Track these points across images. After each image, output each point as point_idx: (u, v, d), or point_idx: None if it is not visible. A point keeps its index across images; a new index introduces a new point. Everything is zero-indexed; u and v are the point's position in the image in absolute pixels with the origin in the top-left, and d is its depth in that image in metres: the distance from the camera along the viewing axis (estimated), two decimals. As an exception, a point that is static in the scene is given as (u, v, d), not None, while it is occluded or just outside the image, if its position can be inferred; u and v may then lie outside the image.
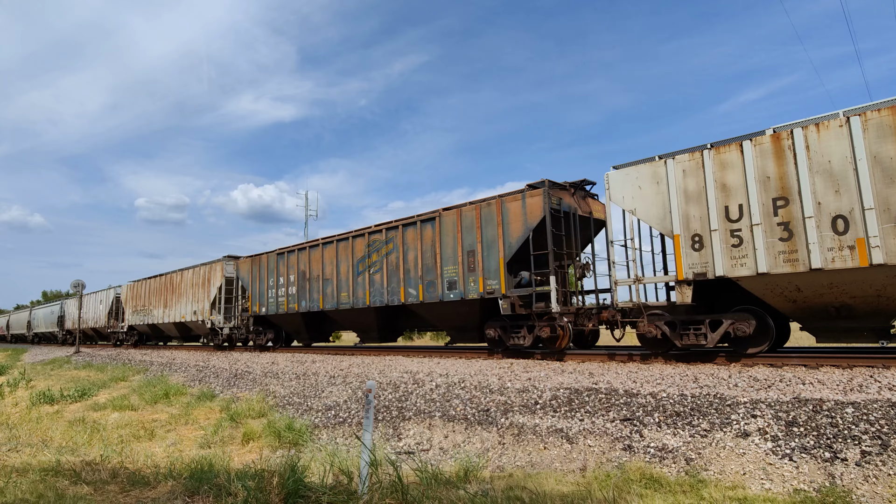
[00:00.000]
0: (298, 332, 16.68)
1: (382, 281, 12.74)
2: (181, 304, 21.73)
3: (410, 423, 7.33)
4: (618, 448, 5.56)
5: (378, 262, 12.96)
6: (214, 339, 19.98)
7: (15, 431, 7.97)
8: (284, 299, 16.10)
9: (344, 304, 13.89)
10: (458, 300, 11.06)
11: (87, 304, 32.37)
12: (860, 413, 4.92)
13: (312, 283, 14.97)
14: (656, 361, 8.55)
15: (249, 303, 17.84)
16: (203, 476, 4.98)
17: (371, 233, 13.32)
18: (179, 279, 22.30)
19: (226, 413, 9.00)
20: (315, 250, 15.05)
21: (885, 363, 6.75)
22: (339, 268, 14.10)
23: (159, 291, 23.80)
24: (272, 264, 16.88)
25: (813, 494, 4.27)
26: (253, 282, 17.79)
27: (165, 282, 23.35)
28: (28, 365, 22.17)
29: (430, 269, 11.67)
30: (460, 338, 11.93)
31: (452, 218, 11.30)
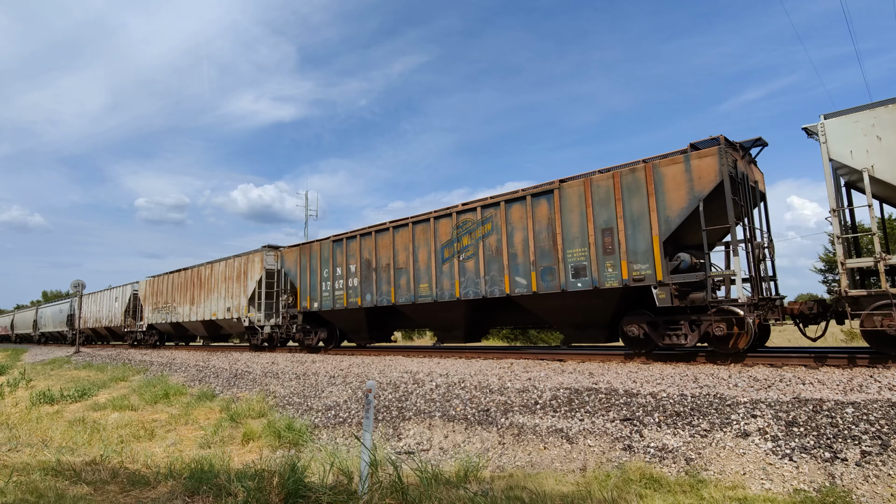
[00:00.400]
0: (357, 330, 14.55)
1: (477, 268, 10.79)
2: (211, 301, 19.65)
3: (410, 423, 7.33)
4: (618, 448, 5.56)
5: (471, 246, 10.93)
6: (252, 338, 17.71)
7: (15, 431, 7.97)
8: (343, 293, 13.98)
9: (423, 297, 11.87)
10: (587, 290, 9.07)
11: (101, 302, 30.71)
12: (860, 413, 4.92)
13: (380, 273, 12.95)
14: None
15: (298, 297, 15.54)
16: (203, 476, 4.98)
17: (461, 212, 11.27)
18: (209, 273, 20.17)
19: (226, 413, 9.00)
20: (383, 235, 12.97)
21: (886, 363, 6.74)
22: (417, 254, 12.06)
23: (184, 287, 21.73)
24: (326, 253, 14.65)
25: (813, 494, 4.27)
26: (302, 274, 15.47)
27: (192, 276, 21.26)
28: (28, 365, 22.18)
29: (546, 253, 9.67)
30: (579, 336, 10.03)
31: (578, 190, 9.31)
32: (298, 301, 15.58)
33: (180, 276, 22.29)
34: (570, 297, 9.43)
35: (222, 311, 18.97)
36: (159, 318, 23.70)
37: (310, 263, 15.30)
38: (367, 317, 13.81)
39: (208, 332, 21.04)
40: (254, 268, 17.67)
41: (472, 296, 10.93)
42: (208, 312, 19.91)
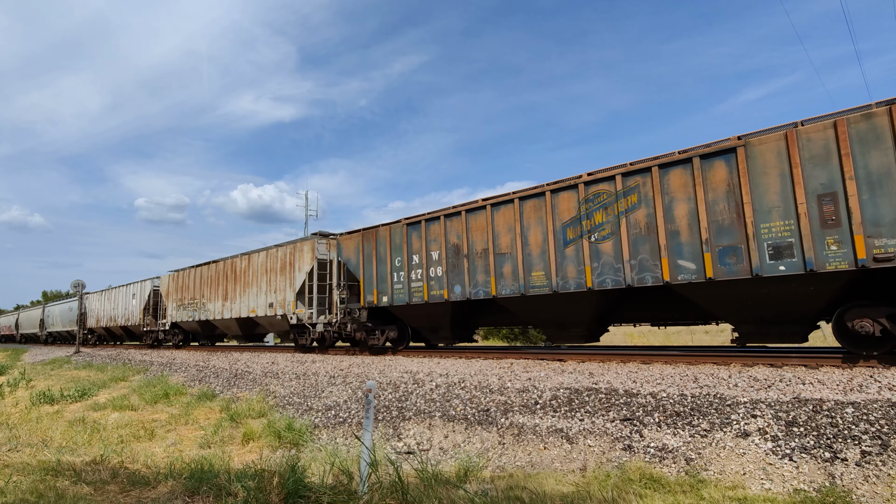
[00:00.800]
0: (436, 328, 12.57)
1: (618, 251, 8.72)
2: (248, 296, 17.60)
3: (410, 423, 7.33)
4: (618, 448, 5.56)
5: (607, 224, 8.89)
6: (300, 337, 15.79)
7: (15, 431, 7.97)
8: (422, 285, 11.88)
9: (537, 287, 9.79)
10: (796, 274, 7.11)
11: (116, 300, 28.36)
12: (860, 413, 4.92)
13: (474, 260, 10.89)
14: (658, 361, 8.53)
15: (361, 291, 13.39)
16: (203, 476, 4.98)
17: (590, 182, 9.16)
18: (246, 265, 18.11)
19: (226, 413, 9.00)
20: (477, 215, 10.93)
21: (886, 363, 6.74)
22: (527, 236, 9.99)
23: (215, 281, 19.63)
24: (398, 239, 12.56)
25: (813, 494, 4.28)
26: (366, 263, 13.30)
27: (224, 269, 19.20)
28: (28, 365, 22.18)
29: (725, 230, 7.68)
30: (761, 333, 8.09)
31: (775, 146, 7.32)
32: (362, 295, 13.33)
33: (210, 269, 20.08)
34: (764, 283, 7.43)
35: (262, 307, 16.79)
36: (184, 316, 21.57)
37: (376, 251, 13.08)
38: (453, 312, 11.76)
39: (243, 330, 19.08)
40: (302, 258, 15.42)
41: (611, 284, 8.79)
42: (245, 309, 17.74)
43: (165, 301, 23.29)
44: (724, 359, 8.00)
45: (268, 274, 16.93)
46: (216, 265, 19.85)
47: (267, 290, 16.82)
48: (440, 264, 11.63)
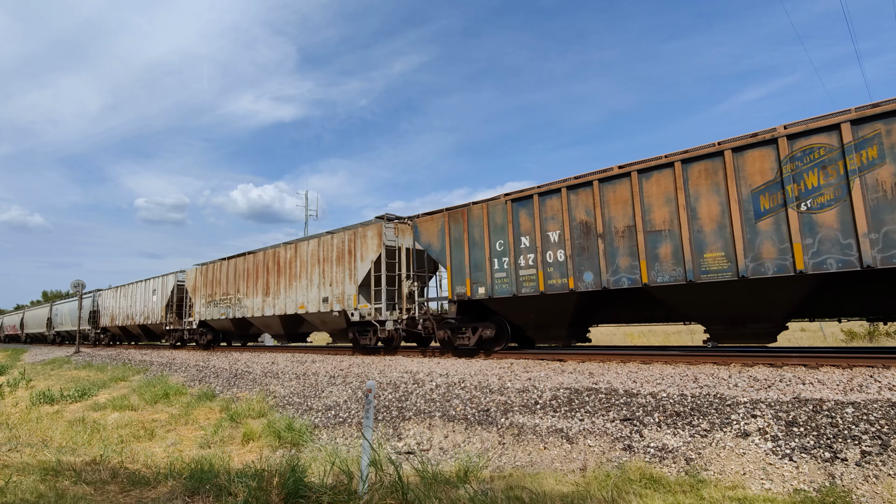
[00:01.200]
0: (549, 324, 10.42)
1: (845, 222, 6.87)
2: (296, 290, 15.58)
3: (410, 423, 7.33)
4: (618, 448, 5.56)
5: (828, 188, 7.02)
6: (362, 336, 13.68)
7: (15, 431, 7.97)
8: (535, 272, 9.90)
9: (713, 272, 7.86)
10: None
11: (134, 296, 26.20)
12: (860, 413, 4.92)
13: (613, 240, 8.86)
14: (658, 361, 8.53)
15: (449, 281, 11.40)
16: (203, 476, 4.98)
17: (797, 135, 7.28)
18: (292, 254, 16.07)
19: (226, 413, 9.00)
20: (616, 185, 8.90)
21: (885, 363, 6.75)
22: (696, 208, 8.08)
23: (253, 274, 17.62)
24: (500, 217, 10.56)
25: (813, 494, 4.28)
26: (454, 248, 11.35)
27: (265, 260, 17.20)
28: (28, 365, 22.18)
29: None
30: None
31: None
32: (449, 286, 11.31)
33: (246, 261, 18.11)
34: None
35: (314, 302, 14.75)
36: (215, 314, 19.39)
37: (468, 234, 11.02)
38: (577, 305, 9.72)
39: (287, 329, 17.07)
40: (366, 245, 13.35)
41: (836, 266, 6.91)
42: (291, 305, 15.68)
43: (192, 297, 21.14)
44: (724, 359, 8.00)
45: (320, 264, 14.76)
46: (254, 256, 17.75)
47: (320, 282, 14.70)
48: (561, 247, 9.60)
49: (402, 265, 13.31)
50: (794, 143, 7.34)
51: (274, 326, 17.39)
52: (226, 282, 19.21)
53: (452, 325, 11.43)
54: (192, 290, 21.24)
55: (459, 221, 11.33)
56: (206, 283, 20.31)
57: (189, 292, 21.47)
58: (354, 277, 13.56)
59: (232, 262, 19.06)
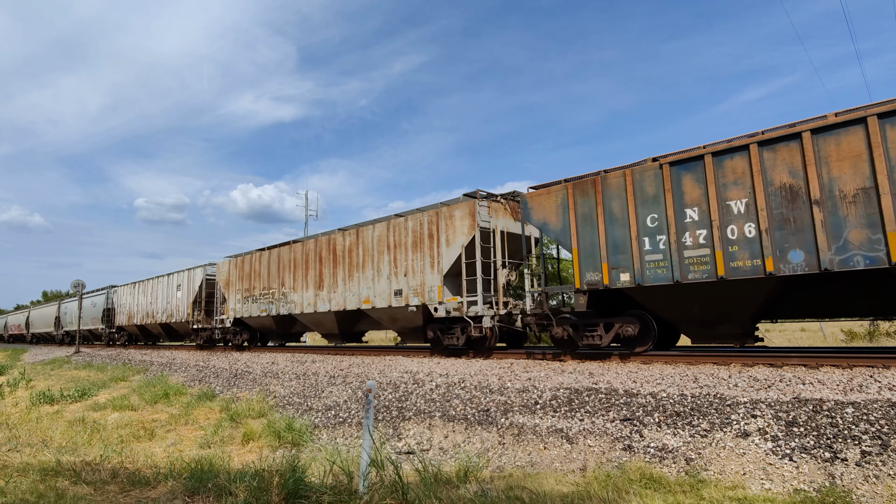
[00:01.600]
0: (717, 319, 8.44)
1: None
2: (359, 282, 13.44)
3: (410, 423, 7.33)
4: (618, 448, 5.56)
5: None
6: (447, 335, 11.47)
7: (15, 431, 7.97)
8: (709, 252, 7.97)
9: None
10: None
11: (154, 292, 24.20)
12: (860, 413, 4.92)
13: (838, 207, 7.01)
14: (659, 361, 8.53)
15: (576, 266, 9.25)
16: (203, 476, 4.98)
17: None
18: (353, 241, 13.81)
19: (226, 413, 9.00)
20: (840, 137, 7.04)
21: (885, 363, 6.75)
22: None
23: (302, 265, 15.53)
24: (652, 186, 8.60)
25: (813, 494, 4.28)
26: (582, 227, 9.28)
27: (317, 249, 15.05)
28: (28, 365, 22.19)
29: None
30: None
31: None
32: (577, 272, 9.20)
33: (293, 250, 16.07)
34: None
35: (383, 295, 12.76)
36: (253, 310, 17.33)
37: (604, 208, 9.02)
38: (770, 294, 7.85)
39: (342, 327, 14.95)
40: (452, 227, 11.37)
41: None
42: (353, 299, 13.63)
43: (224, 292, 18.96)
44: (724, 359, 8.00)
45: (391, 251, 12.75)
46: (304, 245, 15.69)
47: (391, 273, 12.64)
48: (750, 219, 7.68)
49: (498, 250, 11.30)
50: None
51: (327, 324, 15.19)
52: (267, 275, 17.00)
53: (573, 321, 9.45)
54: (224, 284, 19.06)
55: (589, 194, 9.24)
56: (243, 277, 18.12)
57: (221, 287, 19.25)
58: (439, 266, 11.50)
59: (275, 252, 16.78)
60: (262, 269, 17.35)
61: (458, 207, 11.44)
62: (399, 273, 12.54)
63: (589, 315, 9.36)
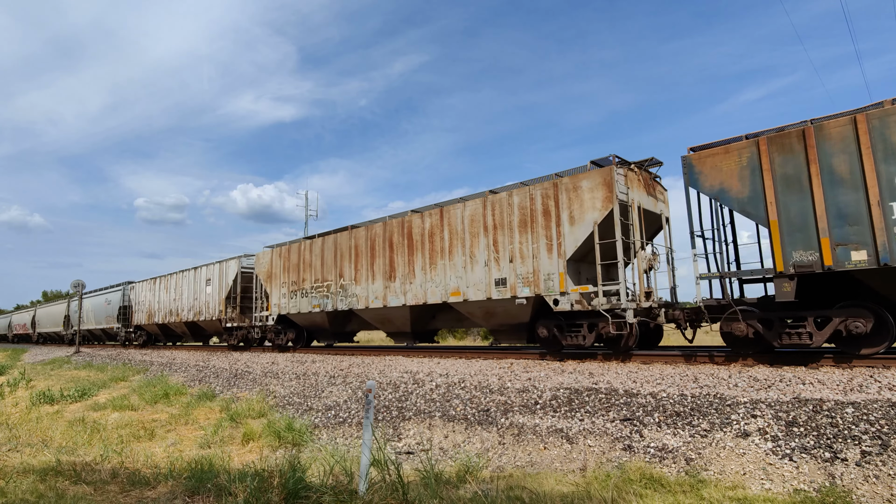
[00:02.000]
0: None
1: None
2: (445, 270, 11.35)
3: (410, 423, 7.33)
4: (618, 448, 5.56)
5: None
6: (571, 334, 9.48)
7: (15, 431, 7.97)
8: None
9: None
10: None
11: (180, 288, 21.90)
12: (860, 413, 4.92)
13: None
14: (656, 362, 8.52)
15: (777, 243, 7.39)
16: (203, 476, 4.98)
17: None
18: (435, 222, 11.72)
19: (226, 413, 9.00)
20: None
21: (885, 363, 6.75)
22: None
23: (365, 253, 13.30)
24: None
25: (813, 494, 4.28)
26: (783, 192, 7.45)
27: (386, 233, 12.80)
28: (28, 365, 22.19)
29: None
30: None
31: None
32: (778, 250, 7.36)
33: (353, 236, 13.80)
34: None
35: (479, 286, 10.67)
36: (303, 306, 15.10)
37: (820, 167, 7.11)
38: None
39: (416, 324, 12.79)
40: (579, 201, 9.40)
41: None
42: (437, 290, 11.46)
43: (266, 285, 16.82)
44: (724, 359, 8.00)
45: (489, 233, 10.65)
46: (368, 230, 13.43)
47: (490, 259, 10.58)
48: None
49: (635, 228, 9.27)
50: None
51: (397, 321, 12.95)
52: (321, 265, 14.77)
53: (763, 315, 7.66)
54: (265, 277, 16.86)
55: (793, 150, 7.36)
56: (289, 268, 15.94)
57: (262, 280, 17.09)
58: (560, 249, 9.52)
59: (330, 240, 14.57)
60: (314, 258, 14.98)
61: (587, 177, 9.35)
62: (502, 259, 10.42)
63: (791, 307, 7.54)
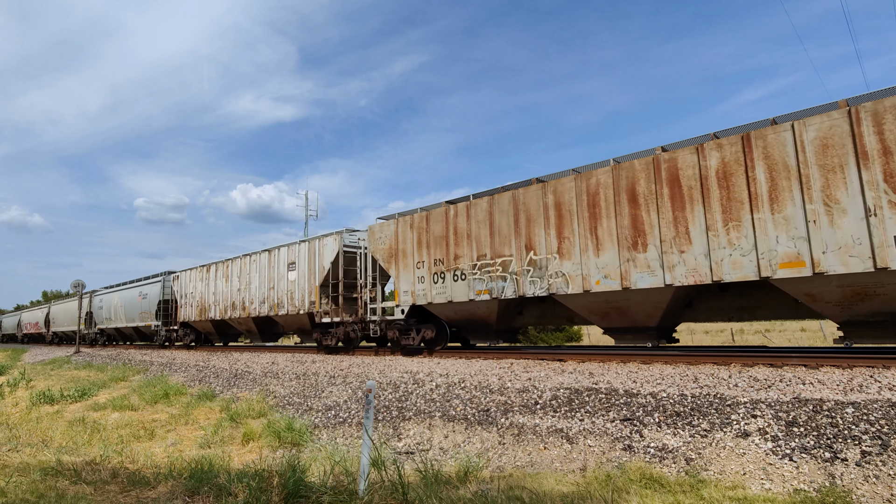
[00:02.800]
0: None
1: None
2: (765, 227, 7.28)
3: (410, 424, 7.33)
4: (618, 448, 5.56)
5: None
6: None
7: (15, 431, 7.97)
8: None
9: None
10: None
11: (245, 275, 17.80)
12: (860, 413, 4.92)
13: None
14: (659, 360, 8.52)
15: None
16: (203, 476, 4.98)
17: None
18: (735, 156, 7.62)
19: (226, 413, 9.00)
20: None
21: (885, 363, 6.75)
22: None
23: (574, 213, 9.42)
24: None
25: (813, 494, 4.28)
26: None
27: (618, 182, 8.87)
28: (28, 365, 22.20)
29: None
30: None
31: None
32: None
33: (546, 191, 9.92)
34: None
35: (853, 247, 6.62)
36: (457, 292, 11.26)
37: None
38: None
39: (672, 314, 9.11)
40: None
41: None
42: (746, 260, 7.45)
43: (387, 266, 12.96)
44: (724, 359, 8.00)
45: (873, 163, 6.56)
46: (577, 180, 9.45)
47: (876, 203, 6.50)
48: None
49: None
50: None
51: (637, 312, 8.98)
52: (488, 235, 10.75)
53: None
54: (387, 256, 12.98)
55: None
56: (430, 242, 11.96)
57: (381, 261, 13.19)
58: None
59: (505, 199, 10.56)
60: (477, 226, 11.01)
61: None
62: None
63: None
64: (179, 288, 22.24)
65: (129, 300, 25.62)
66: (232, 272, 18.81)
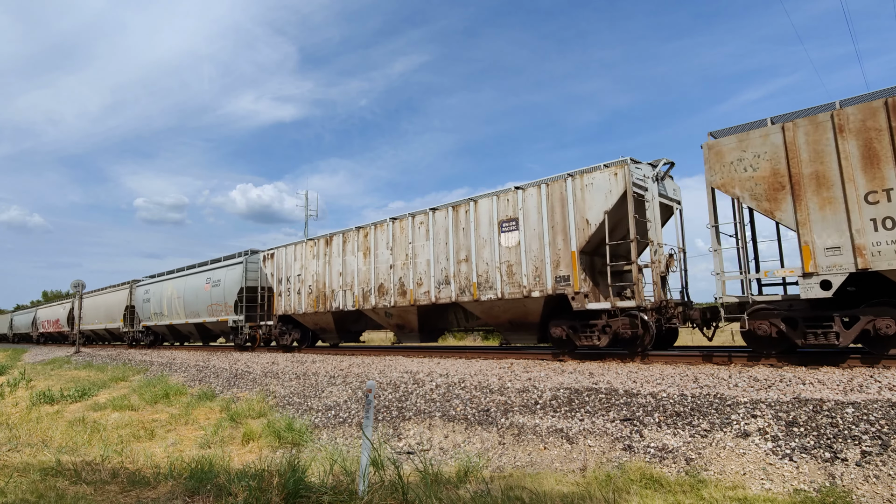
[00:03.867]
0: None
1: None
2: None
3: (410, 424, 7.33)
4: (618, 448, 5.56)
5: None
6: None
7: (15, 431, 7.97)
8: None
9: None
10: None
11: (419, 237, 11.98)
12: (860, 413, 4.92)
13: None
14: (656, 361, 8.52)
15: None
16: (203, 476, 4.98)
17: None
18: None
19: (226, 413, 9.00)
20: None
21: (885, 363, 6.75)
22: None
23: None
24: None
25: (813, 494, 4.27)
26: None
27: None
28: (28, 365, 22.19)
29: None
30: None
31: None
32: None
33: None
34: None
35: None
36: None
37: None
38: None
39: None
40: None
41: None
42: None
43: (770, 208, 7.43)
44: (724, 359, 8.00)
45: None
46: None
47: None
48: None
49: None
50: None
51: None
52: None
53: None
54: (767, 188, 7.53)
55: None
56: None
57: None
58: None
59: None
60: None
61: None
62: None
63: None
64: (274, 270, 16.61)
65: (192, 290, 19.92)
66: (377, 241, 13.27)
